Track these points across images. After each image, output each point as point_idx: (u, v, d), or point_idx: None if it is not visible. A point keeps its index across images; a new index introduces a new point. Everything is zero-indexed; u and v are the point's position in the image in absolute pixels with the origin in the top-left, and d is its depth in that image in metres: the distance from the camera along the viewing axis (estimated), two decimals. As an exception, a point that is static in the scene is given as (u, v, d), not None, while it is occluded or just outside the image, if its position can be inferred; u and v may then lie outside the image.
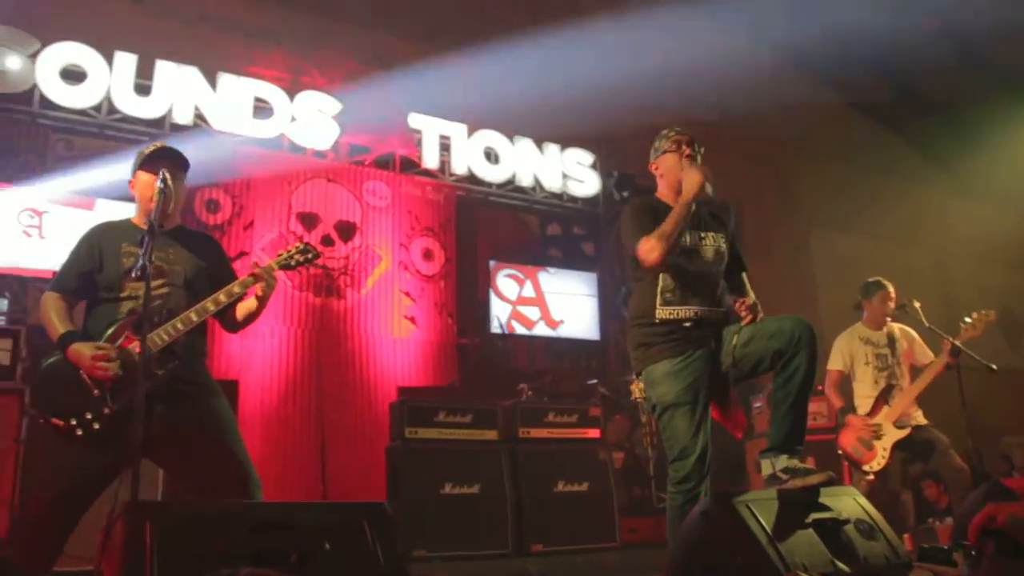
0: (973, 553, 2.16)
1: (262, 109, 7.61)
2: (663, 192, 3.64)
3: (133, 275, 2.79)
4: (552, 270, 8.96)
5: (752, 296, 3.59)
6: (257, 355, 7.08)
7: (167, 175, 3.02)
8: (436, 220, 8.39)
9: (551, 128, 9.05)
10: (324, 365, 7.33)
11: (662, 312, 3.41)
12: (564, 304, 8.84)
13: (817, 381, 5.92)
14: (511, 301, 8.54)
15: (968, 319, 5.28)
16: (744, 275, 3.72)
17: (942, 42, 9.91)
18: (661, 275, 3.43)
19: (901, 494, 7.15)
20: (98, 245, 3.19)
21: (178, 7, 7.79)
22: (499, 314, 8.17)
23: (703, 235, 3.52)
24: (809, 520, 2.93)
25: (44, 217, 6.50)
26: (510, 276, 8.61)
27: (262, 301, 3.30)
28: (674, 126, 3.67)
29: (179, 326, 3.06)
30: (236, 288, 3.18)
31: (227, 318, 3.33)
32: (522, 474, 5.62)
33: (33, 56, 6.74)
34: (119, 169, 6.40)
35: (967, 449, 5.08)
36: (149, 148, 3.28)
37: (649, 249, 3.30)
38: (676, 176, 3.52)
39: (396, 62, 8.41)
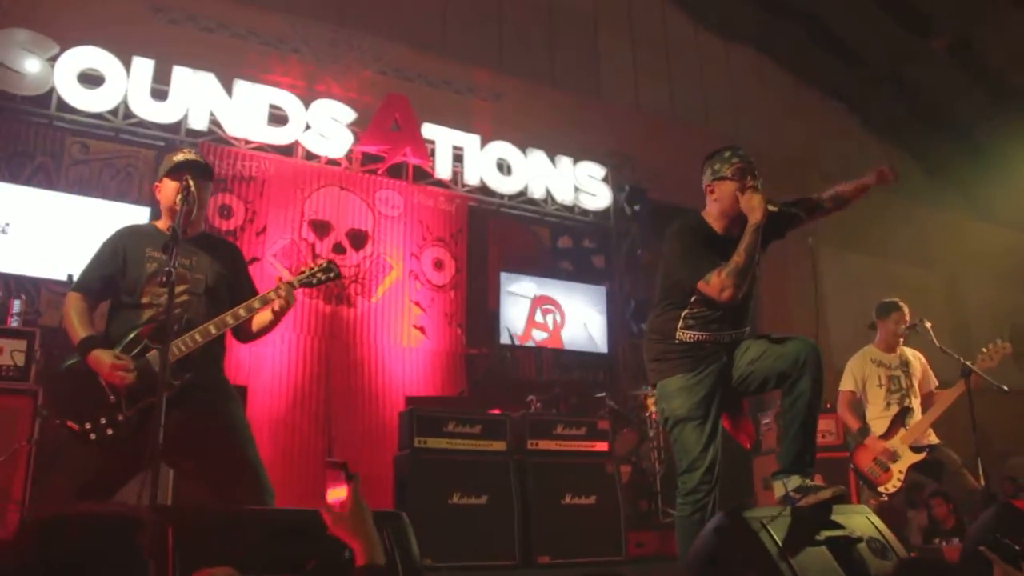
0: None
1: (277, 116, 7.65)
2: (711, 215, 3.55)
3: (158, 282, 2.80)
4: (563, 283, 8.98)
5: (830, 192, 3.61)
6: (267, 361, 7.10)
7: (191, 182, 3.04)
8: (447, 230, 8.41)
9: (564, 141, 9.07)
10: (333, 372, 7.34)
11: (682, 335, 3.42)
12: (574, 317, 8.85)
13: (825, 397, 5.95)
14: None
15: (984, 350, 5.28)
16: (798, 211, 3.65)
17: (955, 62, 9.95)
18: (692, 302, 3.41)
19: (907, 512, 7.14)
20: (123, 248, 3.22)
21: (196, 14, 7.85)
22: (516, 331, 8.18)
23: None
24: (822, 537, 2.93)
25: (59, 220, 6.53)
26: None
27: (277, 316, 3.30)
28: (736, 149, 3.54)
29: (197, 338, 3.08)
30: (256, 303, 3.19)
31: (242, 330, 3.35)
32: (530, 486, 5.61)
33: (52, 59, 6.80)
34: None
35: (977, 470, 5.07)
36: (177, 156, 3.31)
37: (722, 287, 3.23)
38: (731, 204, 3.43)
39: (411, 72, 8.47)
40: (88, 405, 2.93)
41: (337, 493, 1.85)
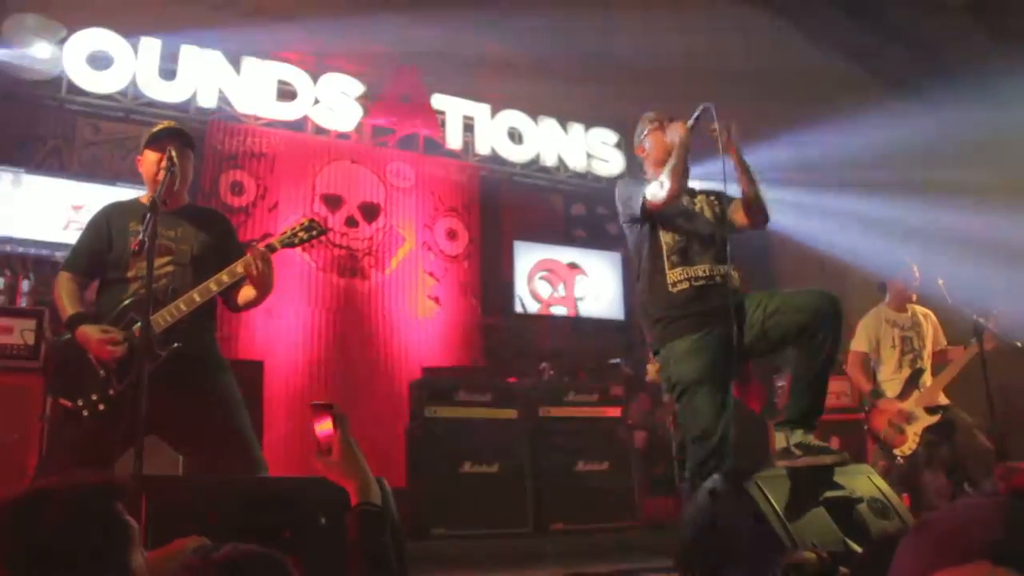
0: None
1: (286, 92, 7.64)
2: (651, 174, 3.63)
3: (133, 251, 2.81)
4: (578, 250, 8.93)
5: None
6: (282, 336, 7.14)
7: (173, 153, 3.04)
8: (460, 200, 8.37)
9: (575, 107, 8.97)
10: (348, 345, 7.37)
11: (672, 275, 3.36)
12: (589, 283, 8.81)
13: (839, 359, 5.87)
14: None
15: (995, 312, 5.19)
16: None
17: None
18: (662, 239, 3.40)
19: (923, 475, 7.08)
20: (107, 224, 3.23)
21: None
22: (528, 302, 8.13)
23: (694, 199, 3.55)
24: (821, 499, 2.90)
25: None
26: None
27: (258, 285, 3.21)
28: (654, 110, 3.71)
29: (182, 307, 3.07)
30: (239, 268, 3.17)
31: (229, 299, 3.33)
32: (542, 453, 5.62)
33: (60, 43, 6.82)
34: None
35: (991, 429, 4.99)
36: (157, 127, 3.31)
37: (659, 186, 3.30)
38: (659, 150, 3.55)
39: (419, 43, 8.39)
40: (80, 382, 2.96)
41: (324, 431, 1.86)
